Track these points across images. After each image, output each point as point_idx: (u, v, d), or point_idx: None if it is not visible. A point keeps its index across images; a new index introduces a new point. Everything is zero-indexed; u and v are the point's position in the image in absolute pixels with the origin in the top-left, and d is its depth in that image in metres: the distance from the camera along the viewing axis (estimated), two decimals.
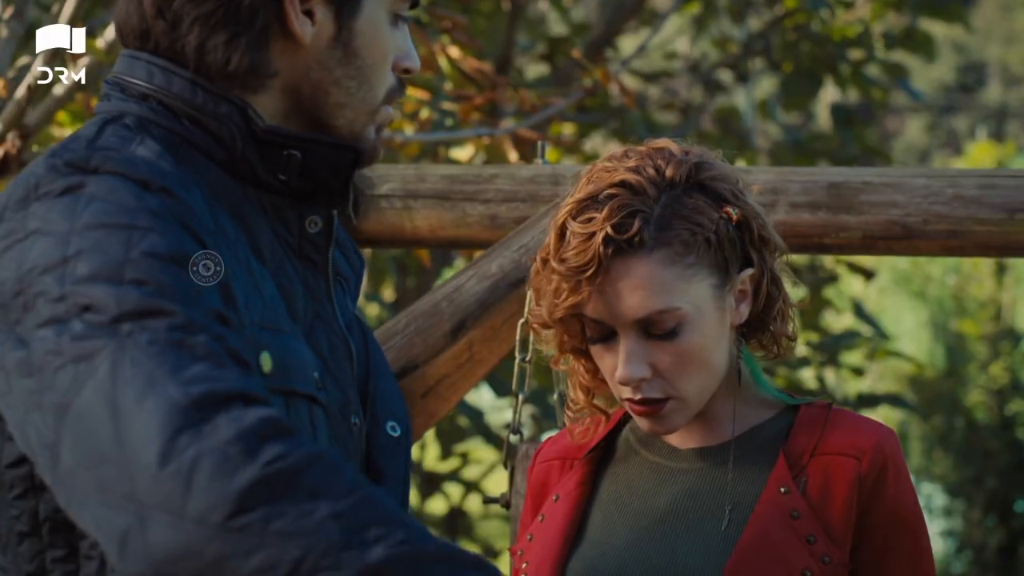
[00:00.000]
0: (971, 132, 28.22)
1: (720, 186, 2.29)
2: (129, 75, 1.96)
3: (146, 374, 1.66)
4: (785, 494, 2.28)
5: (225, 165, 1.94)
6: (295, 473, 1.63)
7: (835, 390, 10.18)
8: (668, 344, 2.25)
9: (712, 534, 2.28)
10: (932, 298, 14.73)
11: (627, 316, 2.24)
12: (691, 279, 2.25)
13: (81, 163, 1.81)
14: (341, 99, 1.99)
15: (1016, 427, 12.09)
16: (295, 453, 1.64)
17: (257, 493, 1.61)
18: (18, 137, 3.63)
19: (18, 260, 1.76)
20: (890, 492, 2.28)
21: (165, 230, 1.77)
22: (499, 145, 5.09)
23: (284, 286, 1.96)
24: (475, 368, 3.13)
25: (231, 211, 1.93)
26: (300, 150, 1.96)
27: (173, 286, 1.73)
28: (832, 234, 2.91)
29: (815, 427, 2.32)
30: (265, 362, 1.85)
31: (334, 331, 2.02)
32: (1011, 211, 2.86)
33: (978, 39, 29.47)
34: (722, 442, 2.35)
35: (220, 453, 1.62)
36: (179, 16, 1.93)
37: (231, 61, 1.93)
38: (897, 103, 22.04)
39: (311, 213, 2.00)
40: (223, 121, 1.93)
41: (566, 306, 2.26)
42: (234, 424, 1.64)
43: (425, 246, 3.31)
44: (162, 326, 1.69)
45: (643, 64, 9.29)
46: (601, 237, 2.22)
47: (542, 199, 3.03)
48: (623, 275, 2.23)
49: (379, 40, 2.00)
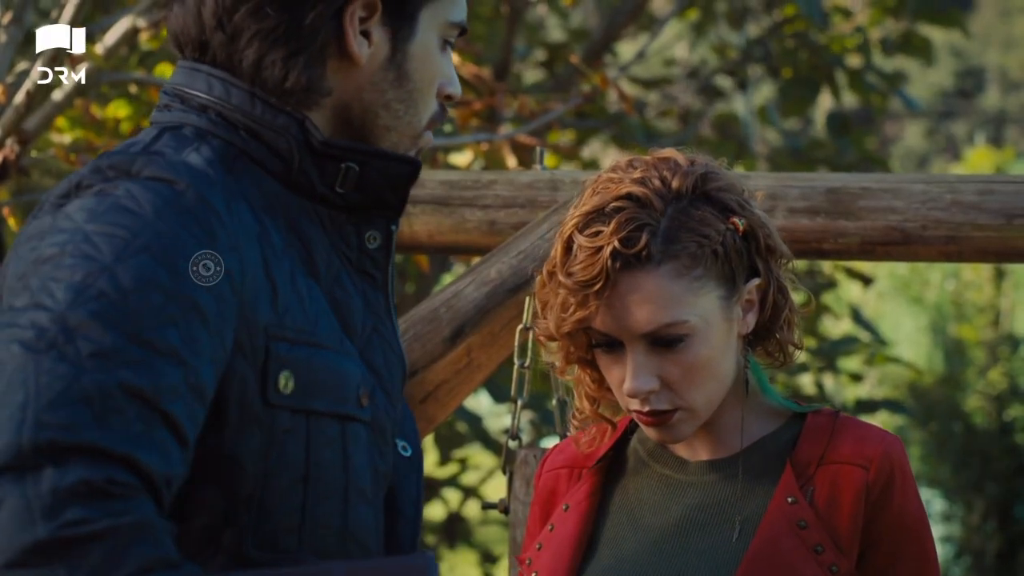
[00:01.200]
0: (970, 137, 28.24)
1: (726, 196, 2.28)
2: (189, 86, 1.95)
3: (23, 398, 1.64)
4: (792, 504, 2.28)
5: (282, 178, 1.93)
6: (86, 542, 1.59)
7: (834, 396, 10.19)
8: (676, 356, 2.25)
9: (722, 547, 2.28)
10: (931, 303, 14.72)
11: (635, 330, 2.24)
12: (699, 292, 2.24)
13: (125, 167, 1.82)
14: (389, 122, 1.99)
15: (1015, 432, 12.08)
16: (98, 522, 1.60)
17: (40, 553, 1.58)
18: (17, 142, 3.63)
19: (36, 251, 1.76)
20: (896, 500, 2.28)
21: (164, 249, 1.75)
22: (498, 151, 5.09)
23: (340, 300, 1.94)
24: (474, 374, 3.13)
25: (285, 223, 1.92)
26: (358, 163, 1.95)
27: (130, 315, 1.70)
28: (830, 239, 2.91)
29: (821, 436, 2.32)
30: (285, 382, 1.83)
31: (391, 348, 2.01)
32: (1010, 216, 2.86)
33: (977, 44, 29.49)
34: (731, 454, 2.35)
35: (25, 503, 1.59)
36: (239, 29, 1.93)
37: (288, 78, 1.93)
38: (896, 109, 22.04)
39: (369, 228, 1.99)
40: (280, 133, 1.93)
41: (573, 320, 2.25)
42: (54, 479, 1.60)
43: (424, 251, 3.31)
44: (84, 351, 1.67)
45: (642, 70, 9.29)
46: (608, 251, 2.22)
47: (541, 205, 3.03)
48: (631, 289, 2.23)
49: (430, 64, 2.01)
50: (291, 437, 1.84)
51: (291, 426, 1.84)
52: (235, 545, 1.81)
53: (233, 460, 1.81)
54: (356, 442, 1.92)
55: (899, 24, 8.01)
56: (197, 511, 1.76)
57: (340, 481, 1.90)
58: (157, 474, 1.66)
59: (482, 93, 5.11)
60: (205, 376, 1.75)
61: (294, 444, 1.85)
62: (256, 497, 1.82)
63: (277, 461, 1.84)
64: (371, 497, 1.95)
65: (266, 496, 1.83)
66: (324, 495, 1.88)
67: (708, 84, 9.08)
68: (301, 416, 1.85)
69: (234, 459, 1.81)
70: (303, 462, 1.86)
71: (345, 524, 1.90)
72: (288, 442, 1.84)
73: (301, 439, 1.85)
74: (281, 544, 1.84)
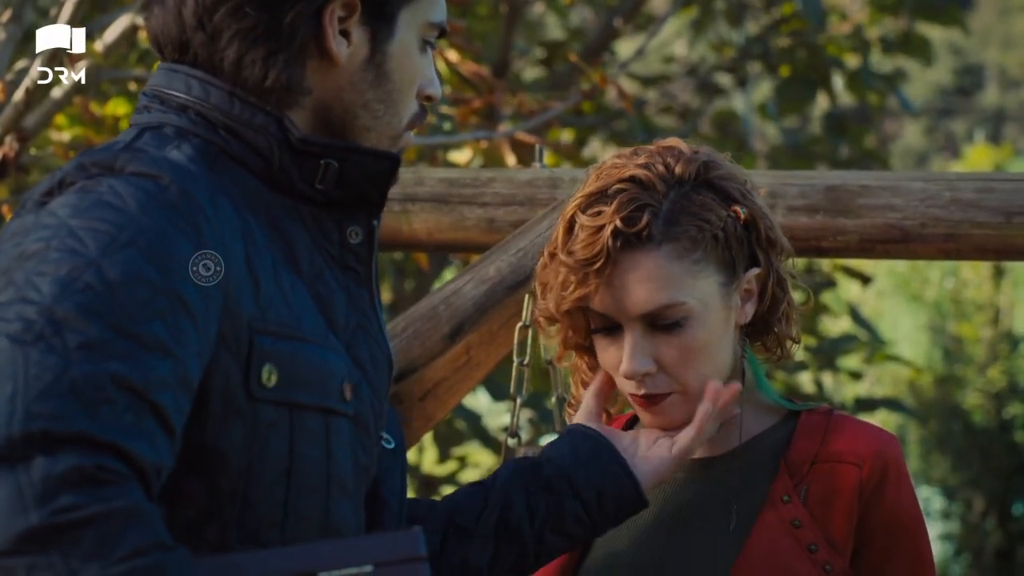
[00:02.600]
0: (969, 135, 28.23)
1: (729, 185, 2.30)
2: (167, 87, 1.97)
3: (12, 390, 1.64)
4: (786, 503, 2.28)
5: (262, 176, 1.95)
6: (79, 527, 1.60)
7: (833, 394, 10.18)
8: (673, 338, 2.26)
9: (717, 544, 2.28)
10: (930, 301, 14.72)
11: (633, 310, 2.25)
12: (698, 275, 2.25)
13: (108, 163, 1.83)
14: (368, 122, 2.01)
15: (1014, 430, 12.09)
16: (90, 507, 1.61)
17: (34, 539, 1.59)
18: (16, 140, 3.63)
19: (20, 247, 1.77)
20: (890, 498, 2.28)
21: (150, 244, 1.76)
22: (497, 149, 5.09)
23: (323, 296, 1.96)
24: (473, 371, 3.13)
25: (267, 220, 1.93)
26: (337, 159, 1.97)
27: (116, 308, 1.71)
28: (829, 237, 2.91)
29: (815, 434, 2.32)
30: (268, 375, 1.85)
31: (377, 343, 2.03)
32: (1009, 214, 2.85)
33: (976, 42, 29.48)
34: (726, 451, 2.35)
35: (17, 491, 1.60)
36: (219, 29, 1.95)
37: (268, 77, 1.95)
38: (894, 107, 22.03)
39: (351, 224, 2.01)
40: (259, 131, 1.95)
41: (573, 298, 2.26)
42: (45, 467, 1.61)
43: (423, 249, 3.30)
44: (72, 343, 1.68)
45: (641, 67, 9.27)
46: (610, 230, 2.23)
47: (540, 203, 3.03)
48: (631, 268, 2.24)
49: (409, 65, 2.03)
50: (274, 431, 1.86)
51: (274, 419, 1.85)
52: (218, 539, 1.83)
53: (216, 453, 1.82)
54: (339, 436, 1.93)
55: (898, 23, 8.00)
56: (181, 504, 1.77)
57: (322, 475, 1.91)
58: (147, 463, 1.67)
59: (481, 91, 5.11)
60: (192, 369, 1.76)
61: (277, 438, 1.86)
62: (239, 491, 1.84)
63: (260, 455, 1.85)
64: (352, 491, 1.96)
65: (249, 490, 1.85)
66: (307, 489, 1.89)
67: (707, 81, 9.07)
68: (284, 409, 1.86)
69: (217, 452, 1.82)
70: (286, 456, 1.87)
71: (327, 518, 1.92)
72: (271, 436, 1.86)
73: (284, 433, 1.87)
74: (263, 538, 1.86)
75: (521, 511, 2.21)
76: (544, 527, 2.21)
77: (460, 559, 2.21)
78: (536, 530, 2.21)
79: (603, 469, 2.22)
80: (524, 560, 2.22)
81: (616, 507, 2.22)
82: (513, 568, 2.22)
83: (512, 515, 2.21)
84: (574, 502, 2.21)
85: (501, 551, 2.21)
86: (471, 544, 2.21)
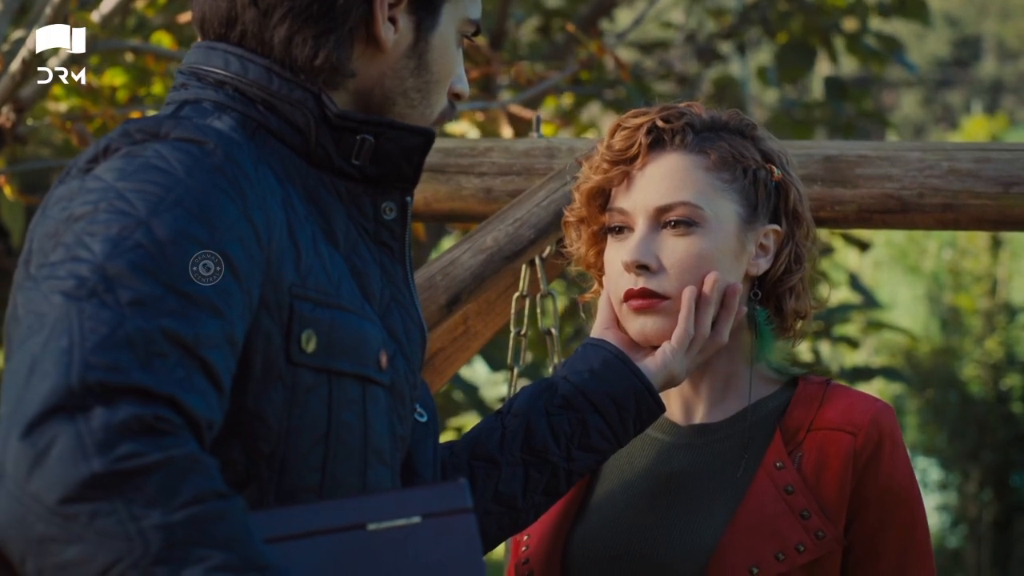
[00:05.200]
0: (966, 106, 28.20)
1: (769, 146, 2.37)
2: (205, 64, 2.01)
3: (68, 343, 1.67)
4: (780, 469, 2.29)
5: (300, 151, 1.99)
6: (141, 474, 1.62)
7: (830, 362, 10.19)
8: (680, 240, 2.29)
9: (710, 509, 2.29)
10: (927, 272, 14.74)
11: (650, 202, 2.31)
12: (721, 193, 2.31)
13: (153, 130, 1.86)
14: (404, 110, 2.05)
15: (1011, 401, 12.11)
16: (151, 455, 1.63)
17: (97, 486, 1.61)
18: (13, 111, 3.62)
19: (67, 211, 1.80)
20: (884, 467, 2.28)
21: (199, 204, 1.79)
22: (494, 120, 5.08)
23: (359, 268, 1.99)
24: (470, 342, 3.13)
25: (305, 193, 1.97)
26: (373, 135, 2.01)
27: (167, 266, 1.74)
28: (828, 207, 2.91)
29: (812, 403, 2.33)
30: (307, 340, 1.87)
31: (411, 316, 2.06)
32: (1006, 184, 2.85)
33: (973, 13, 29.44)
34: (725, 418, 2.36)
35: (78, 439, 1.62)
36: (272, 6, 1.98)
37: (318, 56, 1.98)
38: (892, 77, 22.02)
39: (385, 200, 2.05)
40: (297, 106, 1.98)
41: (601, 177, 2.34)
42: (105, 416, 1.63)
43: (420, 219, 3.30)
44: (124, 299, 1.70)
45: (638, 35, 9.26)
46: (647, 126, 2.32)
47: (537, 172, 3.03)
48: (658, 163, 2.32)
49: (448, 57, 2.07)
50: (313, 396, 1.89)
51: (313, 384, 1.88)
52: (256, 502, 1.85)
53: (257, 416, 1.85)
54: (375, 405, 1.96)
55: None
56: (220, 467, 1.78)
57: (359, 442, 1.94)
58: (200, 416, 1.70)
59: (478, 62, 5.10)
60: (238, 329, 1.80)
61: (317, 403, 1.89)
62: (278, 455, 1.87)
63: (300, 419, 1.88)
64: (388, 459, 1.99)
65: (287, 454, 1.87)
66: (344, 455, 1.92)
67: (705, 48, 9.06)
68: (323, 375, 1.89)
69: (258, 415, 1.85)
70: (325, 421, 1.90)
71: (364, 484, 1.94)
72: (311, 401, 1.89)
73: (323, 398, 1.90)
74: (301, 502, 1.87)
75: (545, 433, 2.27)
76: (571, 445, 2.27)
77: (492, 491, 2.27)
78: (563, 449, 2.27)
79: (615, 377, 2.29)
80: (556, 481, 2.28)
81: (636, 412, 2.29)
82: (547, 490, 2.28)
83: (536, 439, 2.27)
84: (594, 416, 2.27)
85: (531, 475, 2.27)
86: (499, 473, 2.27)
